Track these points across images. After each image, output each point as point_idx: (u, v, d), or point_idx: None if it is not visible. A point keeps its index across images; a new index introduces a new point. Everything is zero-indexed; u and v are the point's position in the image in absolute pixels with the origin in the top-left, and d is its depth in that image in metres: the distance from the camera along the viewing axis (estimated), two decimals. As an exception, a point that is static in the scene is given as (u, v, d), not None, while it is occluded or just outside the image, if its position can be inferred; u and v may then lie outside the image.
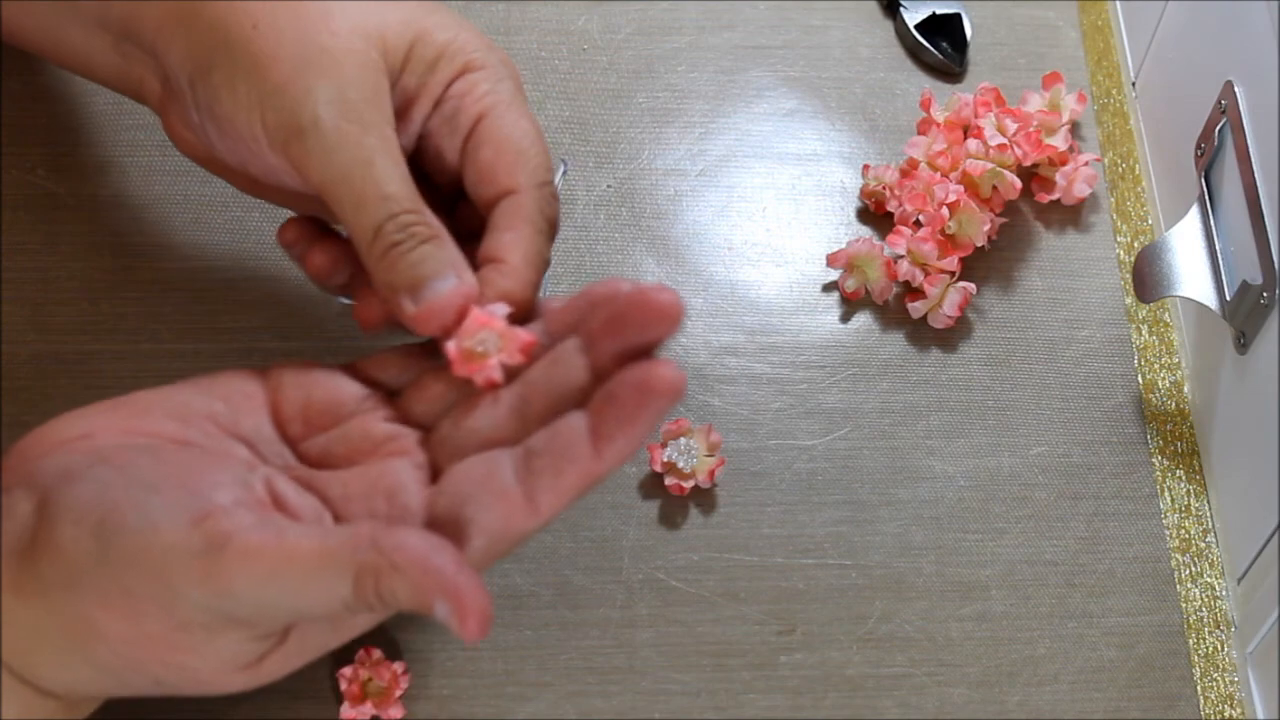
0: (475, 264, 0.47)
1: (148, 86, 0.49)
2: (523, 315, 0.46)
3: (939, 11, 0.67)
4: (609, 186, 0.62)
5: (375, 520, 0.42)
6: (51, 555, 0.41)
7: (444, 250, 0.46)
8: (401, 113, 0.47)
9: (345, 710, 0.50)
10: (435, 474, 0.45)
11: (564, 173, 0.61)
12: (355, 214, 0.45)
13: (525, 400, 0.44)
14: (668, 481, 0.55)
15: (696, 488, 0.55)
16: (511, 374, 0.45)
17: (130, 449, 0.43)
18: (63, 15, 0.49)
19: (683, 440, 0.55)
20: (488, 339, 0.45)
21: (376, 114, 0.46)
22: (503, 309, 0.45)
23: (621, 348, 0.42)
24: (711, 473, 0.54)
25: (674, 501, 0.55)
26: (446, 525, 0.42)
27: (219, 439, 0.45)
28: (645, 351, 0.42)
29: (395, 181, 0.45)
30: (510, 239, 0.47)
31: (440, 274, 0.45)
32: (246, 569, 0.39)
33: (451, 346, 0.45)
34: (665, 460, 0.55)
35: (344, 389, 0.46)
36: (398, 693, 0.50)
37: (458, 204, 0.50)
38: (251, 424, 0.45)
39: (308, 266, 0.49)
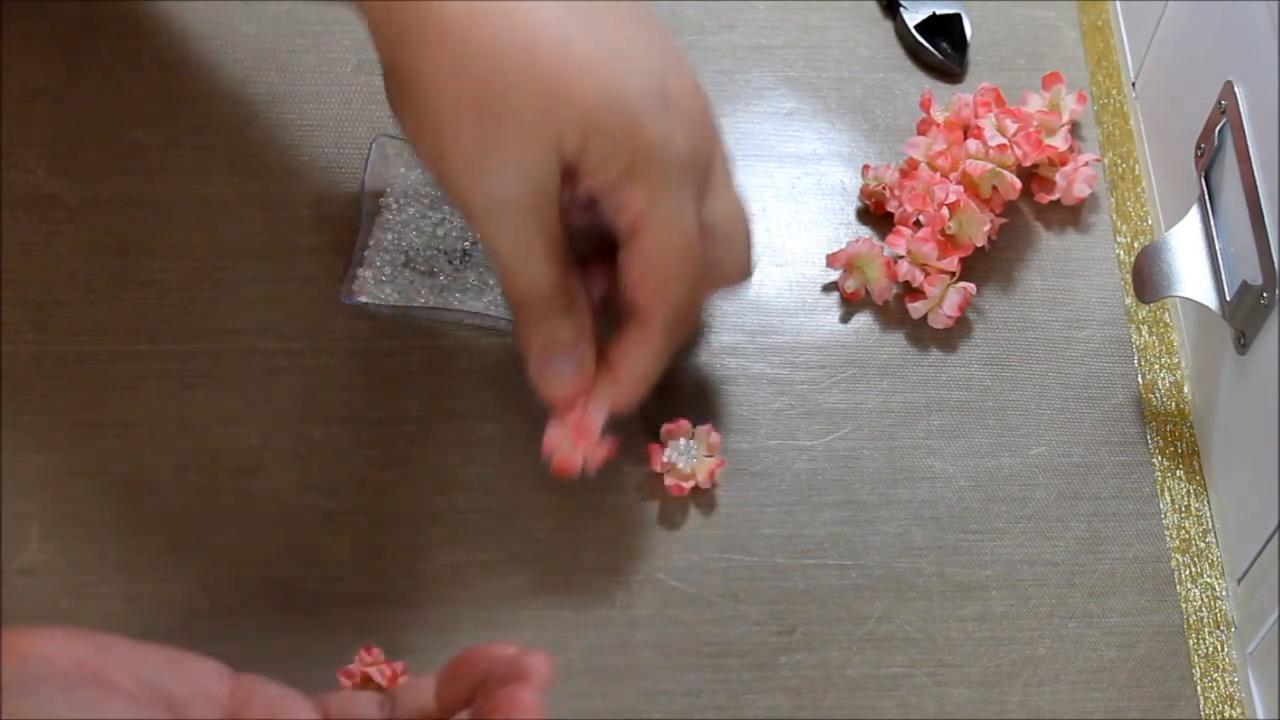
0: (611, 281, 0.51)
1: None
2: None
3: (939, 11, 0.67)
4: (609, 186, 0.62)
5: None
6: None
7: (577, 324, 0.50)
8: (573, 181, 0.48)
9: (345, 710, 0.50)
10: None
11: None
12: (506, 281, 0.50)
13: None
14: (667, 482, 0.55)
15: (696, 488, 0.55)
16: None
17: (78, 685, 0.42)
18: None
19: (682, 441, 0.55)
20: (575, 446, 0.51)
21: (544, 199, 0.48)
22: (603, 414, 0.51)
23: None
24: (711, 473, 0.54)
25: (674, 502, 0.55)
26: None
27: (160, 715, 0.44)
28: None
29: (544, 265, 0.49)
30: (631, 357, 0.51)
31: (566, 352, 0.50)
32: None
33: (557, 435, 0.51)
34: (665, 460, 0.55)
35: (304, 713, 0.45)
36: (398, 693, 0.50)
37: None
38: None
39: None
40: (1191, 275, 0.54)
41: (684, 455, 0.54)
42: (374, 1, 0.48)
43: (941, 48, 0.66)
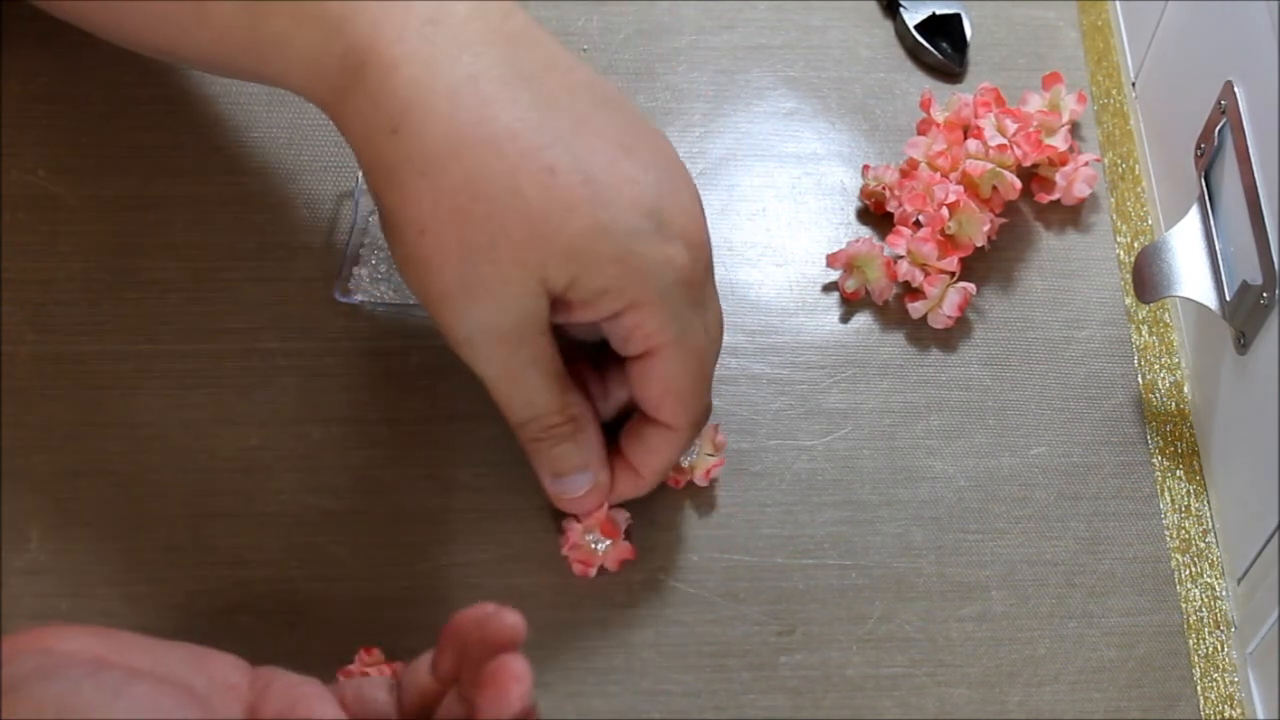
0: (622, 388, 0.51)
1: None
2: None
3: (939, 11, 0.67)
4: (609, 186, 0.62)
5: None
6: None
7: (582, 447, 0.51)
8: (568, 311, 0.48)
9: (345, 711, 0.50)
10: None
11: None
12: (504, 408, 0.50)
13: None
14: (664, 473, 0.55)
15: (691, 484, 0.55)
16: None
17: (101, 669, 0.42)
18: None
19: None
20: (602, 544, 0.52)
21: (530, 331, 0.48)
22: (625, 516, 0.53)
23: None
24: (708, 472, 0.54)
25: (673, 502, 0.55)
26: None
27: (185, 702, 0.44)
28: None
29: (540, 392, 0.49)
30: (655, 456, 0.51)
31: (578, 469, 0.51)
32: None
33: (576, 531, 0.52)
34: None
35: (326, 712, 0.45)
36: (398, 693, 0.50)
37: None
38: (223, 712, 0.44)
39: None
40: (1191, 275, 0.54)
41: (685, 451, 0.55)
42: (357, 134, 0.48)
43: (941, 48, 0.66)
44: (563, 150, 0.46)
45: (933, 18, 0.67)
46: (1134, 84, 0.66)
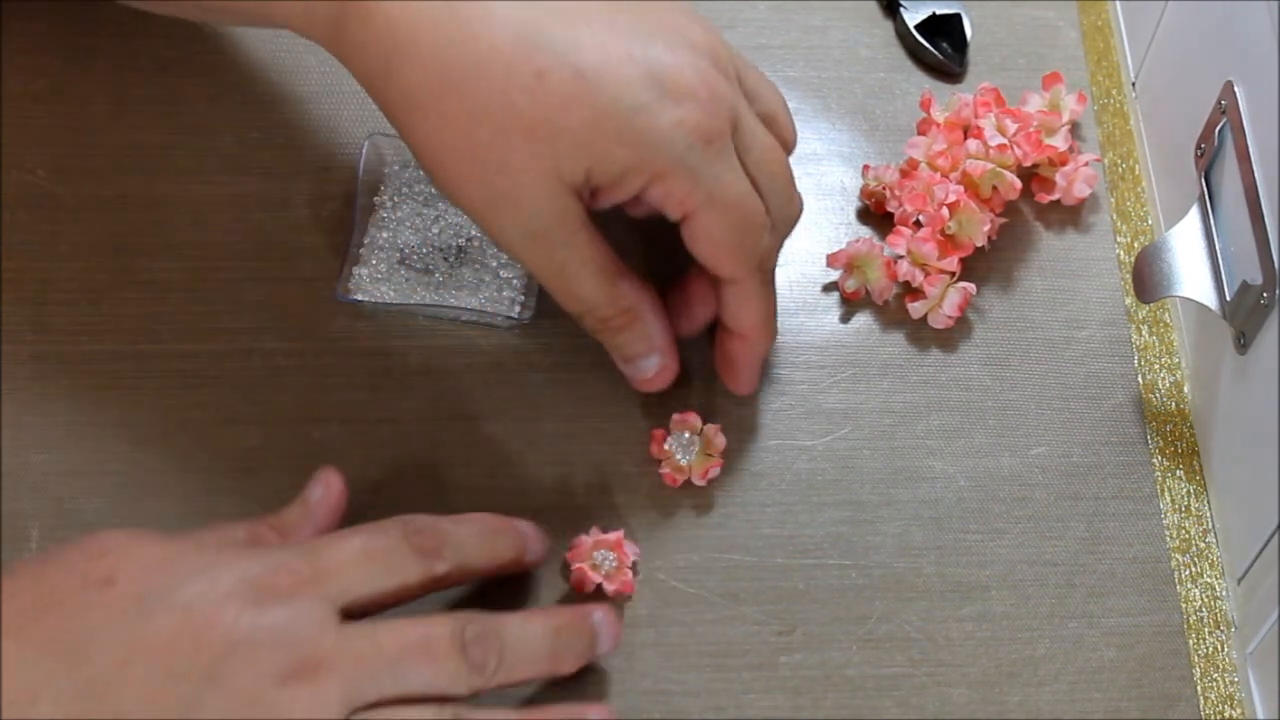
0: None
1: None
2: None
3: (939, 11, 0.67)
4: (609, 186, 0.62)
5: None
6: None
7: (640, 335, 0.53)
8: (599, 198, 0.50)
9: (345, 710, 0.50)
10: None
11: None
12: (560, 302, 0.52)
13: None
14: (661, 469, 0.55)
15: (690, 484, 0.55)
16: None
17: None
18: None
19: (686, 435, 0.55)
20: (607, 561, 0.52)
21: (564, 230, 0.49)
22: (634, 552, 0.53)
23: None
24: (705, 472, 0.54)
25: (673, 502, 0.55)
26: None
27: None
28: None
29: (586, 288, 0.50)
30: (744, 317, 0.53)
31: (644, 354, 0.53)
32: None
33: (586, 544, 0.52)
34: (665, 448, 0.55)
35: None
36: (398, 693, 0.50)
37: None
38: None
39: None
40: (1191, 275, 0.54)
41: (685, 449, 0.55)
42: (358, 76, 0.49)
43: (941, 48, 0.66)
44: (548, 51, 0.47)
45: (933, 18, 0.67)
46: (1134, 84, 0.66)
